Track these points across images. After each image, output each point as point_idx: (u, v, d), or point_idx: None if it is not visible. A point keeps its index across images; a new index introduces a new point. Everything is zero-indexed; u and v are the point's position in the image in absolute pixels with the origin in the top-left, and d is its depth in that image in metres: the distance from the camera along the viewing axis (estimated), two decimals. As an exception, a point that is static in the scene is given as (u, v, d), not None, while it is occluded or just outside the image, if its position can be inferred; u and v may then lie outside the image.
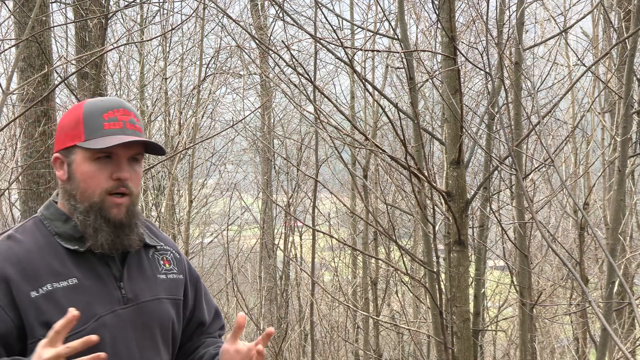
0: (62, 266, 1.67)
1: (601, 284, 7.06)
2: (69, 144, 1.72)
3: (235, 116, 12.20)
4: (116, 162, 1.71)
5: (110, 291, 1.71)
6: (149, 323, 1.76)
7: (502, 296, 9.96)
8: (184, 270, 1.92)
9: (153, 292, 1.79)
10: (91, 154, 1.69)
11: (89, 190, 1.70)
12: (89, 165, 1.70)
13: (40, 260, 1.66)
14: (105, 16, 5.45)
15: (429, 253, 5.69)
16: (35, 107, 4.64)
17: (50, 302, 1.62)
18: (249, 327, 12.02)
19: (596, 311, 2.78)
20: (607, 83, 5.86)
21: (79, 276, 1.67)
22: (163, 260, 1.87)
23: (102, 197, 1.70)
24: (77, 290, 1.65)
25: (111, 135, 1.69)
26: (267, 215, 12.74)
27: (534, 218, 3.14)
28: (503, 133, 4.35)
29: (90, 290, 1.67)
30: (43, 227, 1.72)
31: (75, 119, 1.73)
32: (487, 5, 4.31)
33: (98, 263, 1.72)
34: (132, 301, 1.73)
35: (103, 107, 1.73)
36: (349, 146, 7.49)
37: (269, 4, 12.38)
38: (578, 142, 7.62)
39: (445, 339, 4.15)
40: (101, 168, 1.70)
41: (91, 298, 1.67)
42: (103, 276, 1.71)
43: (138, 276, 1.78)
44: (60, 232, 1.71)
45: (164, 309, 1.81)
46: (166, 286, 1.84)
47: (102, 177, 1.70)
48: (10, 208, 5.96)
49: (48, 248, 1.68)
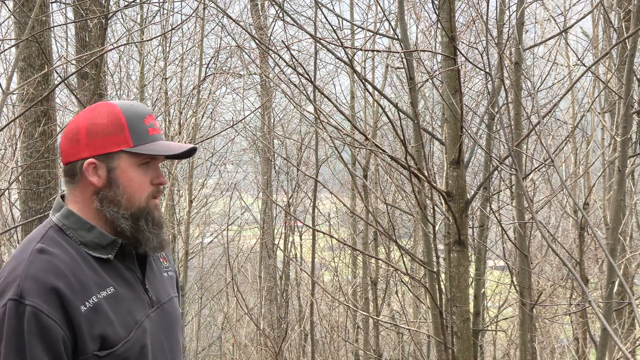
0: (99, 276, 1.63)
1: (601, 284, 7.06)
2: (113, 149, 1.66)
3: (235, 116, 12.21)
4: (155, 168, 1.73)
5: (141, 296, 1.71)
6: (172, 323, 1.79)
7: (502, 296, 9.96)
8: (173, 264, 1.96)
9: (167, 292, 1.81)
10: (138, 160, 1.69)
11: (136, 196, 1.69)
12: (135, 171, 1.69)
13: (80, 271, 1.61)
14: (105, 16, 5.45)
15: (429, 253, 5.69)
16: (35, 107, 4.64)
17: (99, 314, 1.58)
18: (249, 327, 12.03)
19: (596, 311, 2.78)
20: (607, 83, 5.86)
21: (113, 284, 1.65)
22: (162, 258, 1.89)
23: (147, 201, 1.71)
24: (117, 298, 1.64)
25: (157, 141, 1.71)
26: (267, 215, 12.74)
27: (534, 218, 3.14)
28: (503, 133, 4.35)
29: (127, 297, 1.66)
30: (67, 237, 1.65)
31: (117, 124, 1.67)
32: (487, 5, 4.31)
33: (124, 269, 1.70)
34: (156, 303, 1.75)
35: (141, 112, 1.72)
36: (349, 146, 7.49)
37: (269, 4, 12.38)
38: (578, 142, 7.62)
39: (445, 339, 4.15)
40: (144, 173, 1.71)
41: (129, 305, 1.66)
42: (132, 282, 1.71)
43: (154, 278, 1.79)
44: (86, 242, 1.66)
45: (176, 307, 1.84)
46: (170, 284, 1.86)
47: (146, 182, 1.71)
48: (10, 208, 5.95)
49: (80, 258, 1.63)
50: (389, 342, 10.96)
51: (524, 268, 5.01)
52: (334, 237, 4.56)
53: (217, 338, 11.94)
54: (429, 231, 5.49)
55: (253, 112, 12.29)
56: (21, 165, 4.93)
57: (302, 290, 11.89)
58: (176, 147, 1.71)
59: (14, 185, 5.17)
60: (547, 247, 8.33)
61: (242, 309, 8.81)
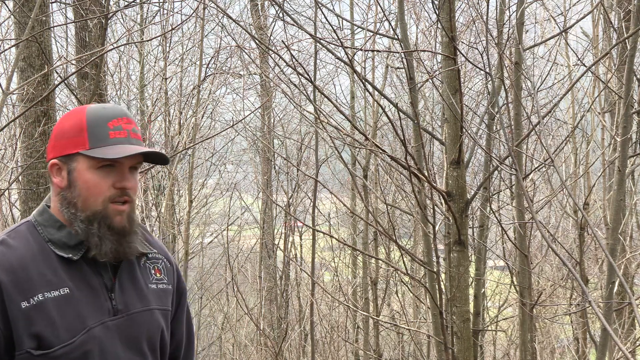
0: (54, 275, 1.64)
1: (601, 284, 7.06)
2: (71, 151, 1.69)
3: (235, 116, 12.20)
4: (119, 171, 1.69)
5: (101, 302, 1.68)
6: (137, 334, 1.73)
7: (502, 296, 9.96)
8: (173, 281, 1.89)
9: (144, 303, 1.77)
10: (95, 163, 1.68)
11: (91, 199, 1.68)
12: (92, 174, 1.68)
13: (33, 268, 1.63)
14: (105, 16, 5.45)
15: (429, 253, 5.68)
16: (35, 107, 4.64)
17: (41, 312, 1.59)
18: (249, 327, 12.03)
19: (596, 311, 2.78)
20: (607, 83, 5.86)
21: (70, 286, 1.65)
22: (155, 270, 1.85)
23: (105, 205, 1.68)
24: (68, 300, 1.63)
25: (117, 145, 1.68)
26: (267, 215, 12.74)
27: (534, 218, 3.14)
28: (503, 133, 4.35)
29: (81, 301, 1.65)
30: (36, 233, 1.69)
31: (77, 125, 1.69)
32: (487, 5, 4.31)
33: (90, 272, 1.69)
34: (122, 312, 1.71)
35: (107, 114, 1.71)
36: (349, 146, 7.49)
37: (269, 4, 12.38)
38: (578, 142, 7.61)
39: (445, 339, 4.15)
40: (104, 177, 1.68)
41: (82, 309, 1.64)
42: (95, 286, 1.69)
43: (129, 286, 1.76)
44: (54, 239, 1.68)
45: (154, 319, 1.78)
46: (157, 296, 1.81)
47: (105, 185, 1.68)
48: (10, 208, 5.96)
49: (41, 255, 1.65)
50: (389, 342, 10.96)
51: (524, 268, 5.01)
52: (334, 237, 4.56)
53: (217, 338, 11.94)
54: (429, 231, 5.49)
55: (253, 112, 12.29)
56: (21, 165, 4.93)
57: (302, 290, 11.88)
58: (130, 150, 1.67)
59: (14, 185, 5.18)
60: (547, 247, 8.33)
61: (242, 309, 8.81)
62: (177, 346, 1.94)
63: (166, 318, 1.83)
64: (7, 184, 5.11)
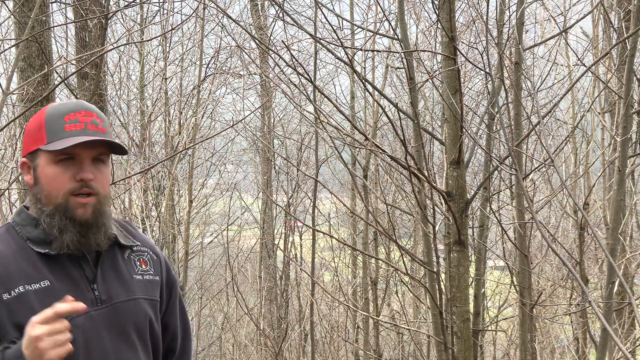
0: (35, 269, 1.68)
1: (601, 284, 7.06)
2: (32, 148, 1.73)
3: (235, 116, 12.20)
4: (79, 164, 1.71)
5: (83, 293, 1.70)
6: (124, 324, 1.75)
7: (502, 296, 9.96)
8: (161, 272, 1.91)
9: (129, 293, 1.78)
10: (53, 157, 1.70)
11: (53, 193, 1.70)
12: (52, 168, 1.70)
13: (13, 264, 1.67)
14: (105, 16, 5.46)
15: (429, 253, 5.68)
16: (35, 107, 4.64)
17: (22, 303, 1.63)
18: (249, 327, 12.03)
19: (596, 311, 2.78)
20: (607, 83, 5.86)
21: (51, 279, 1.68)
22: (140, 261, 1.86)
23: (65, 198, 1.70)
24: (49, 292, 1.66)
25: (72, 137, 1.69)
26: (267, 215, 12.74)
27: (534, 218, 3.14)
28: (503, 133, 4.35)
29: (62, 292, 1.66)
30: (15, 233, 1.74)
31: (38, 123, 1.74)
32: (487, 5, 4.31)
33: (70, 265, 1.72)
34: (106, 302, 1.73)
35: (64, 109, 1.73)
36: (349, 146, 7.49)
37: (269, 4, 12.38)
38: (578, 142, 7.61)
39: (445, 339, 4.15)
40: (64, 170, 1.70)
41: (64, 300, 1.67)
42: (75, 278, 1.71)
43: (112, 277, 1.77)
44: (32, 237, 1.72)
45: (140, 309, 1.80)
46: (142, 286, 1.83)
47: (64, 178, 1.70)
48: (10, 208, 5.95)
49: (20, 253, 1.70)
50: (389, 342, 10.96)
51: (524, 268, 5.01)
52: (334, 237, 4.57)
53: (217, 338, 11.94)
54: (429, 231, 5.49)
55: (253, 112, 12.29)
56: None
57: (302, 290, 11.88)
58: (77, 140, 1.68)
59: (14, 185, 5.18)
60: (547, 247, 8.32)
61: (242, 309, 8.81)
62: (173, 337, 1.95)
63: (154, 308, 1.84)
64: (7, 184, 5.11)
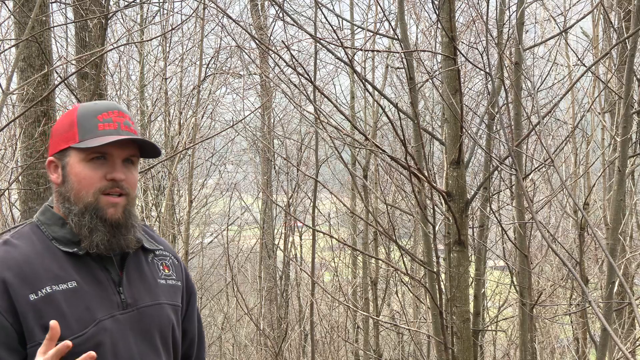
0: (61, 269, 1.65)
1: (601, 284, 7.06)
2: (63, 146, 1.71)
3: (235, 116, 12.21)
4: (110, 163, 1.70)
5: (110, 296, 1.69)
6: (149, 328, 1.74)
7: (502, 296, 9.95)
8: (182, 278, 1.90)
9: (153, 297, 1.77)
10: (85, 155, 1.69)
11: (83, 191, 1.68)
12: (82, 166, 1.69)
13: (39, 264, 1.64)
14: (105, 16, 5.45)
15: (429, 253, 5.69)
16: (35, 107, 4.64)
17: (50, 305, 1.60)
18: (249, 327, 12.03)
19: (596, 311, 2.78)
20: (607, 83, 5.86)
21: (78, 279, 1.66)
22: (162, 266, 1.85)
23: (96, 197, 1.68)
24: (77, 293, 1.64)
25: (106, 136, 1.68)
26: (267, 215, 12.74)
27: (534, 218, 3.14)
28: (503, 133, 4.35)
29: (89, 294, 1.65)
30: (40, 232, 1.71)
31: (69, 121, 1.72)
32: (487, 5, 4.31)
33: (97, 267, 1.70)
34: (132, 306, 1.72)
35: (97, 109, 1.72)
36: (349, 146, 7.49)
37: (269, 4, 12.39)
38: (578, 142, 7.61)
39: (445, 339, 4.15)
40: (95, 168, 1.69)
41: (91, 302, 1.65)
42: (102, 280, 1.70)
43: (137, 281, 1.76)
44: (58, 237, 1.70)
45: (164, 314, 1.79)
46: (166, 291, 1.82)
47: (96, 177, 1.69)
48: (10, 208, 5.95)
49: (46, 252, 1.67)
50: (389, 342, 10.96)
51: (524, 268, 5.01)
52: (334, 237, 4.56)
53: (217, 338, 11.93)
54: (429, 231, 5.49)
55: (253, 112, 12.29)
56: (21, 165, 4.92)
57: (302, 291, 11.88)
58: (113, 138, 1.68)
59: (14, 185, 5.18)
60: (547, 247, 8.32)
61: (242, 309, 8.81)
62: (191, 344, 1.95)
63: (177, 314, 1.84)
64: (7, 184, 5.11)
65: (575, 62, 7.22)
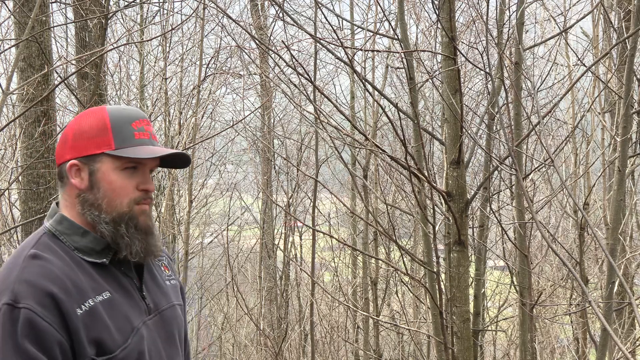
0: (93, 281, 1.61)
1: (601, 284, 7.06)
2: (94, 151, 1.65)
3: (235, 116, 12.21)
4: (142, 173, 1.69)
5: (137, 303, 1.68)
6: (171, 331, 1.75)
7: (502, 296, 9.95)
8: (177, 276, 1.93)
9: (168, 300, 1.78)
10: (120, 164, 1.65)
11: (117, 200, 1.65)
12: (117, 175, 1.65)
13: (74, 276, 1.59)
14: (105, 16, 5.45)
15: (429, 253, 5.69)
16: (35, 107, 4.64)
17: (95, 317, 1.57)
18: (249, 327, 12.03)
19: (596, 311, 2.78)
20: (607, 83, 5.86)
21: (109, 289, 1.63)
22: (163, 267, 1.86)
23: (130, 207, 1.66)
24: (113, 304, 1.62)
25: (143, 146, 1.66)
26: (267, 215, 12.74)
27: (534, 218, 3.14)
28: (503, 133, 4.35)
29: (123, 303, 1.64)
30: (60, 243, 1.64)
31: (100, 125, 1.66)
32: (487, 5, 4.31)
33: (120, 275, 1.68)
34: (154, 311, 1.72)
35: (130, 115, 1.68)
36: (349, 146, 7.49)
37: (269, 4, 12.39)
38: (578, 142, 7.61)
39: (445, 339, 4.15)
40: (129, 178, 1.66)
41: (126, 311, 1.64)
42: (128, 288, 1.68)
43: (153, 285, 1.77)
44: (80, 247, 1.64)
45: (178, 314, 1.80)
46: (173, 292, 1.83)
47: (130, 187, 1.66)
48: (10, 208, 5.95)
49: (74, 264, 1.61)
50: (389, 342, 10.96)
51: (524, 268, 5.01)
52: (334, 237, 4.56)
53: (217, 338, 11.94)
54: (429, 231, 5.49)
55: (253, 112, 12.29)
56: (21, 165, 4.93)
57: (302, 291, 11.89)
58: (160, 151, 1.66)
59: (14, 185, 5.18)
60: (547, 247, 8.32)
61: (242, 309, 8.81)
62: (185, 338, 1.97)
63: (183, 312, 1.87)
64: (7, 184, 5.11)
65: (575, 62, 7.22)
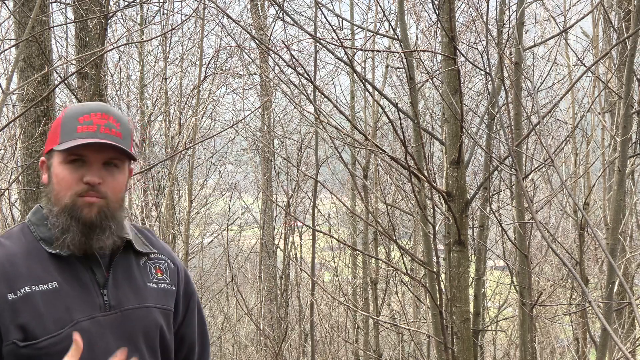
0: (44, 270, 1.67)
1: (601, 284, 7.06)
2: (49, 147, 1.74)
3: (235, 116, 12.21)
4: (88, 166, 1.69)
5: (92, 297, 1.70)
6: (132, 331, 1.73)
7: (502, 296, 9.96)
8: (178, 282, 1.89)
9: (140, 300, 1.77)
10: (64, 157, 1.69)
11: (61, 193, 1.69)
12: (62, 168, 1.70)
13: (22, 264, 1.66)
14: (105, 16, 5.45)
15: (429, 253, 5.68)
16: (35, 107, 4.64)
17: (27, 304, 1.62)
18: (249, 327, 12.03)
19: (596, 311, 2.78)
20: (607, 83, 5.86)
21: (59, 280, 1.67)
22: (156, 269, 1.84)
23: (73, 199, 1.69)
24: (57, 294, 1.65)
25: (82, 138, 1.68)
26: (267, 215, 12.75)
27: (534, 218, 3.14)
28: (503, 133, 4.35)
29: (69, 295, 1.66)
30: (29, 233, 1.73)
31: (56, 123, 1.75)
32: (487, 5, 4.31)
33: (82, 269, 1.71)
34: (115, 308, 1.72)
35: (81, 111, 1.73)
36: (349, 146, 7.49)
37: (269, 4, 12.39)
38: (578, 142, 7.61)
39: (445, 339, 4.15)
40: (73, 171, 1.69)
41: (70, 303, 1.66)
42: (85, 282, 1.70)
43: (125, 283, 1.76)
44: (45, 237, 1.71)
45: (151, 317, 1.78)
46: (156, 295, 1.81)
47: (73, 180, 1.69)
48: (10, 208, 5.96)
49: (32, 253, 1.69)
50: (389, 342, 10.96)
51: (524, 268, 5.01)
52: (334, 237, 4.57)
53: (217, 338, 11.94)
54: (429, 231, 5.49)
55: (253, 112, 12.29)
56: (21, 165, 4.93)
57: (302, 291, 11.89)
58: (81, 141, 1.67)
59: (14, 185, 5.17)
60: (547, 247, 8.33)
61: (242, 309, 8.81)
62: (190, 350, 1.94)
63: (167, 318, 1.82)
64: (7, 184, 5.11)
65: (575, 62, 7.22)
